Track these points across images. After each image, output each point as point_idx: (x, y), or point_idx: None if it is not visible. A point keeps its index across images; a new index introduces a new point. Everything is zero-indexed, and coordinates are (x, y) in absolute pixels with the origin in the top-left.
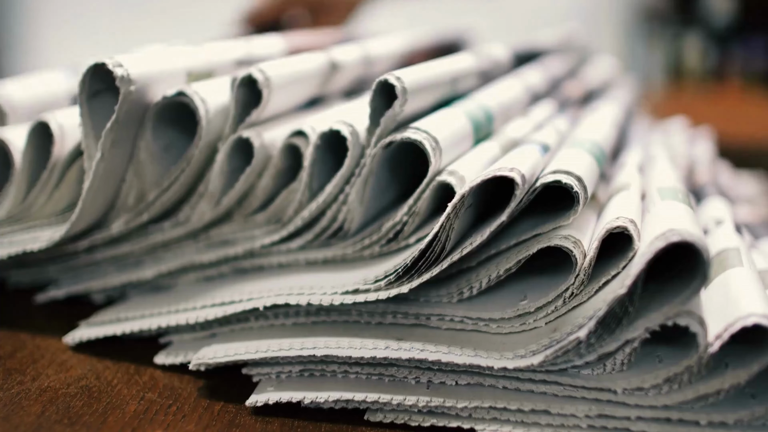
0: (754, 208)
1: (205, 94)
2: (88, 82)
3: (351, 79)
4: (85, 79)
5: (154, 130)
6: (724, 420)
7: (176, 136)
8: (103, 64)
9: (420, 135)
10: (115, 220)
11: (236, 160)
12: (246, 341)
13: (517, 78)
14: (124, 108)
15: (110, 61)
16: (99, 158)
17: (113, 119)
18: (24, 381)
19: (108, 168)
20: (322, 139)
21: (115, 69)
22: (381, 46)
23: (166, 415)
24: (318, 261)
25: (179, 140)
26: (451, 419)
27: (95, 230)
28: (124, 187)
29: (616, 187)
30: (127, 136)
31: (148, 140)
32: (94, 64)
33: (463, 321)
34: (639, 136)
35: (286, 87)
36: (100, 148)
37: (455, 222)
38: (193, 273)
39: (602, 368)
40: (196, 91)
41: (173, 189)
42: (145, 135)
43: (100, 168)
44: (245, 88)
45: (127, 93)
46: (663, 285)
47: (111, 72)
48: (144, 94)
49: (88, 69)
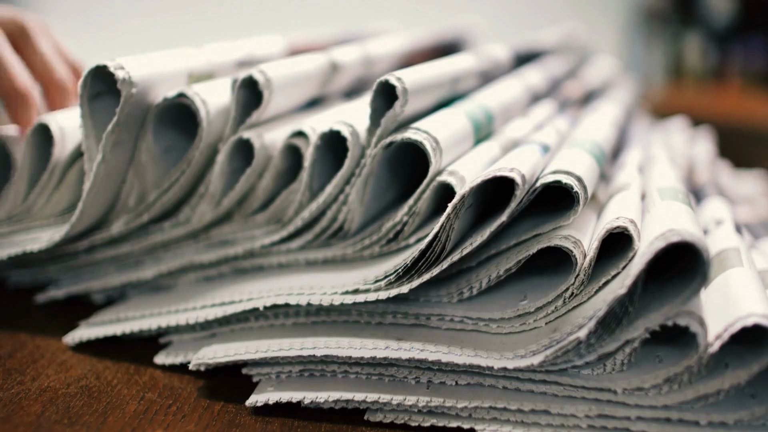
0: (754, 208)
1: (206, 96)
2: (89, 84)
3: (351, 80)
4: (87, 81)
5: (155, 131)
6: (724, 420)
7: (177, 137)
8: (105, 66)
9: (420, 135)
10: (115, 220)
11: (237, 161)
12: (246, 341)
13: (517, 78)
14: (125, 110)
15: (112, 63)
16: (100, 160)
17: (114, 121)
18: (24, 381)
19: (109, 169)
20: (323, 139)
21: (117, 71)
22: (381, 46)
23: (166, 415)
24: (318, 261)
25: (180, 142)
26: (451, 419)
27: (95, 231)
28: (125, 189)
29: (616, 187)
30: (129, 138)
31: (149, 142)
32: (95, 66)
33: (463, 321)
34: (639, 136)
35: (287, 88)
36: (101, 149)
37: (455, 222)
38: (193, 273)
39: (602, 368)
40: (197, 92)
41: (173, 190)
42: (146, 136)
43: (101, 170)
44: (246, 89)
45: (129, 95)
46: (663, 285)
47: (112, 74)
48: (145, 96)
49: (90, 71)
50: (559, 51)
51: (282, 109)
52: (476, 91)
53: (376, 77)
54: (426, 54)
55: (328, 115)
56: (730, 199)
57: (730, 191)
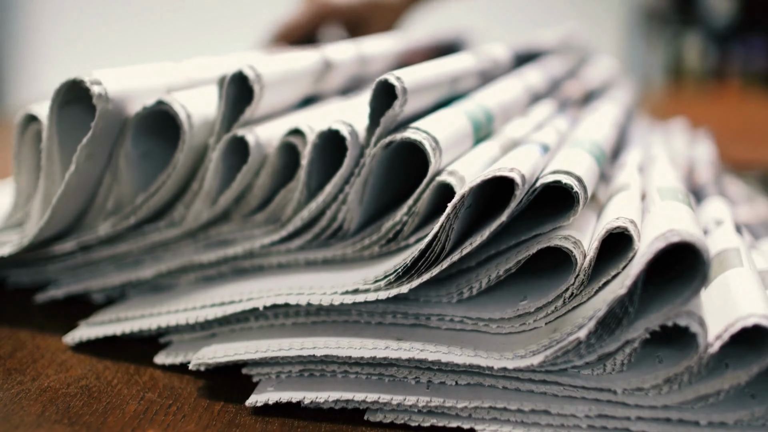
0: (754, 208)
1: (185, 101)
2: (62, 94)
3: (346, 78)
4: (60, 92)
5: (133, 138)
6: (724, 420)
7: (155, 142)
8: (81, 81)
9: (420, 135)
10: (95, 222)
11: (231, 159)
12: (246, 341)
13: (517, 78)
14: (100, 124)
15: (88, 78)
16: (73, 171)
17: (89, 135)
18: (24, 381)
19: (81, 180)
20: (321, 138)
21: (93, 87)
22: (376, 45)
23: (166, 415)
24: (318, 261)
25: (158, 147)
26: (451, 419)
27: (80, 232)
28: (101, 192)
29: (616, 188)
30: (102, 150)
31: (127, 148)
32: (71, 80)
33: (463, 321)
34: (639, 136)
35: (278, 84)
36: (75, 160)
37: (455, 222)
38: (193, 273)
39: (602, 368)
40: (176, 98)
41: (160, 194)
42: (124, 143)
43: (72, 180)
44: (235, 85)
45: (104, 111)
46: (663, 285)
47: (88, 89)
48: (121, 110)
49: (64, 84)
50: (559, 51)
51: (275, 107)
52: (476, 91)
53: (372, 76)
54: (422, 54)
55: (324, 113)
56: (730, 199)
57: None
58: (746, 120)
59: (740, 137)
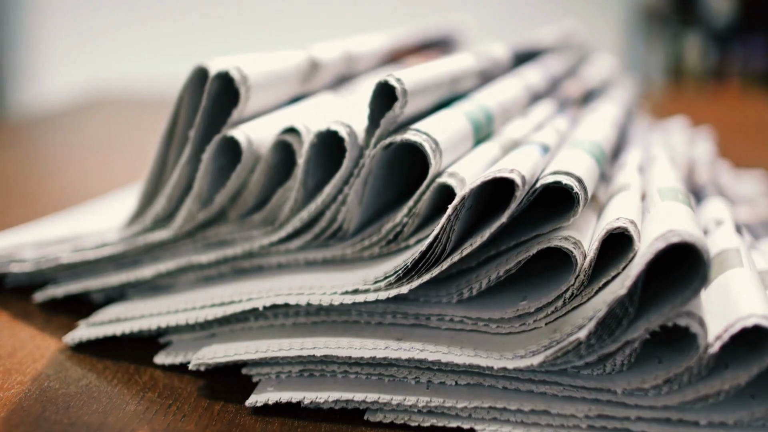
0: (754, 208)
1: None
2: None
3: (333, 78)
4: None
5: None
6: (724, 420)
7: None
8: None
9: (420, 137)
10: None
11: (221, 159)
12: (246, 341)
13: (516, 77)
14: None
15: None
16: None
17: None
18: (24, 381)
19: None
20: (319, 138)
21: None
22: (363, 44)
23: (166, 415)
24: (317, 261)
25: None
26: (451, 419)
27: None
28: None
29: (616, 188)
30: None
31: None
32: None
33: (462, 321)
34: (639, 136)
35: (265, 86)
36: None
37: (455, 224)
38: (193, 273)
39: (602, 369)
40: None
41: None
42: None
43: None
44: (219, 80)
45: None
46: (663, 286)
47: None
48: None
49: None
50: (558, 49)
51: (263, 107)
52: (476, 91)
53: (359, 74)
54: (411, 52)
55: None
56: (730, 199)
57: (731, 191)
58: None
59: (740, 137)
